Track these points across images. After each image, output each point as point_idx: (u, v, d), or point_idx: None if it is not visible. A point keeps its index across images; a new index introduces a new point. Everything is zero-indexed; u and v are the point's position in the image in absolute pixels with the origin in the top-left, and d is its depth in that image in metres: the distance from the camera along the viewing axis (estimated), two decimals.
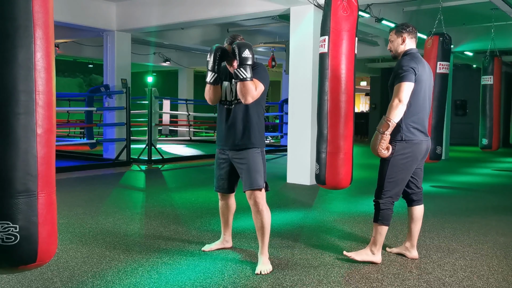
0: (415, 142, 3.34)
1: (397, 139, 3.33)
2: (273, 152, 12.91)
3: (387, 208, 3.37)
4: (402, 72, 3.25)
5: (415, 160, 3.39)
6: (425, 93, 3.38)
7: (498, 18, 8.96)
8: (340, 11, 4.37)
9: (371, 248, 3.45)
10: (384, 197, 3.37)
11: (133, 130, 12.05)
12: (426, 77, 3.38)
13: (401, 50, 3.44)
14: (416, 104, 3.32)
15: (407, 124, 3.32)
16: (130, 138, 9.61)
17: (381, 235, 3.41)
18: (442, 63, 6.70)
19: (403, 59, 3.36)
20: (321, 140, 4.49)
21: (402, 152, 3.33)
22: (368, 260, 3.44)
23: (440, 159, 6.98)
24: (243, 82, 3.09)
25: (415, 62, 3.29)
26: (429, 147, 3.49)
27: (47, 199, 2.13)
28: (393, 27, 3.56)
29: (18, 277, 3.08)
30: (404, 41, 3.43)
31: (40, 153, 2.08)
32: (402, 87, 3.22)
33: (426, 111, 3.41)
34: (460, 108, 16.46)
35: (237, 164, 3.36)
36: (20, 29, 2.01)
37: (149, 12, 9.03)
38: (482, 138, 9.15)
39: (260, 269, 3.24)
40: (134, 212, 5.18)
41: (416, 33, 3.49)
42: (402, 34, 3.43)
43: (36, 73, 2.06)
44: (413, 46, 3.47)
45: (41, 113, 2.08)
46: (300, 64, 7.22)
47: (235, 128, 3.29)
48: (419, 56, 3.41)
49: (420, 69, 3.30)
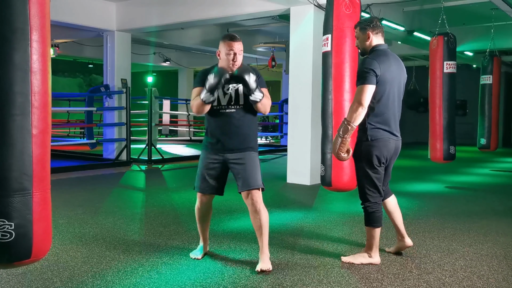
0: (381, 139, 3.30)
1: (363, 140, 3.33)
2: (273, 152, 12.91)
3: (375, 210, 3.37)
4: (363, 74, 3.20)
5: (383, 155, 3.33)
6: (390, 92, 3.29)
7: (498, 18, 8.96)
8: (343, 9, 4.36)
9: (368, 252, 3.45)
10: (371, 200, 3.37)
11: (133, 130, 12.04)
12: (393, 75, 3.29)
13: (367, 46, 3.38)
14: (380, 105, 3.27)
15: (372, 124, 3.29)
16: (130, 138, 9.61)
17: (375, 238, 3.41)
18: (449, 63, 6.70)
19: (366, 59, 3.28)
20: (326, 140, 4.44)
21: (370, 150, 3.31)
22: (366, 263, 3.43)
23: (454, 159, 6.91)
24: (261, 102, 3.21)
25: (377, 62, 3.20)
26: (399, 147, 3.44)
27: (42, 197, 2.19)
28: (357, 23, 3.48)
29: (18, 277, 3.08)
30: (369, 37, 3.35)
31: (35, 153, 2.14)
32: (362, 90, 3.17)
33: (392, 110, 3.34)
34: (460, 108, 16.45)
35: (234, 165, 3.30)
36: (17, 32, 2.06)
37: (149, 12, 9.03)
38: (480, 138, 9.15)
39: (261, 267, 3.23)
40: (134, 212, 5.18)
41: (382, 28, 3.40)
42: (366, 30, 3.36)
43: (32, 75, 2.11)
44: (380, 42, 3.38)
45: (36, 114, 2.13)
46: (300, 64, 7.22)
47: (240, 132, 3.28)
48: (386, 52, 3.31)
49: (383, 69, 3.21)
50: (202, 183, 3.38)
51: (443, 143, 6.74)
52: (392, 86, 3.31)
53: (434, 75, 6.81)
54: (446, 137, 6.71)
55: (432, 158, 6.95)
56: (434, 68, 6.81)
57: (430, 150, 6.94)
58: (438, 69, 6.74)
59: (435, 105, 6.81)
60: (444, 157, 6.78)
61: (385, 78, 3.24)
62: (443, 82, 6.73)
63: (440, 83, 6.74)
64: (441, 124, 6.74)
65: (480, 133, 9.17)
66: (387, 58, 3.28)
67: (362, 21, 3.46)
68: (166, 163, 9.79)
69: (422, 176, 8.36)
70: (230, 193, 4.21)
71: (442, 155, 6.76)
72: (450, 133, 6.76)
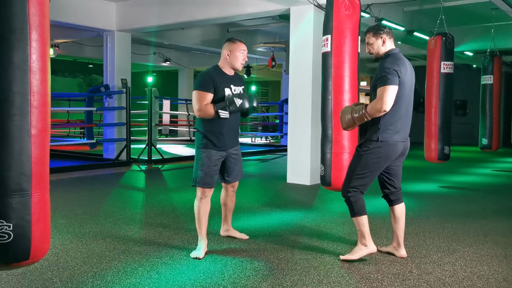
0: (390, 143, 3.33)
1: (373, 139, 3.34)
2: (273, 152, 12.90)
3: (357, 199, 3.41)
4: (386, 75, 3.23)
5: (387, 160, 3.38)
6: (408, 96, 3.36)
7: (498, 18, 8.96)
8: (343, 9, 4.36)
9: (362, 242, 3.46)
10: (351, 190, 3.41)
11: (133, 130, 12.05)
12: (409, 79, 3.36)
13: (383, 51, 3.43)
14: (398, 109, 3.30)
15: (385, 126, 3.30)
16: (130, 138, 9.61)
17: (364, 225, 3.43)
18: (446, 63, 6.70)
19: (386, 61, 3.34)
20: (325, 140, 4.44)
21: (375, 151, 3.33)
22: (365, 254, 3.45)
23: (448, 159, 6.94)
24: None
25: (397, 65, 3.27)
26: (407, 148, 3.48)
27: (40, 198, 2.17)
28: (368, 29, 3.53)
29: (18, 277, 3.08)
30: (384, 42, 3.42)
31: (34, 153, 2.12)
32: (387, 90, 3.20)
33: (408, 113, 3.39)
34: (460, 108, 16.47)
35: (233, 157, 3.77)
36: (16, 32, 2.04)
37: (149, 12, 9.03)
38: (482, 138, 9.15)
39: (242, 236, 4.04)
40: (134, 212, 5.18)
41: (393, 33, 3.50)
42: (381, 35, 3.42)
43: (31, 75, 2.09)
44: (393, 46, 3.46)
45: (35, 114, 2.11)
46: (300, 64, 7.22)
47: (236, 129, 3.80)
48: (402, 56, 3.39)
49: (403, 71, 3.28)
50: (210, 179, 3.64)
51: (438, 143, 6.75)
52: (409, 89, 3.36)
53: (431, 75, 6.82)
54: (441, 137, 6.71)
55: (426, 158, 6.97)
56: (431, 68, 6.81)
57: (425, 150, 6.95)
58: (435, 69, 6.74)
59: (431, 105, 6.82)
60: (438, 157, 6.79)
61: (404, 81, 3.30)
62: (439, 82, 6.73)
63: (436, 83, 6.75)
64: (437, 124, 6.75)
65: (481, 133, 9.17)
66: (404, 61, 3.35)
67: (375, 27, 3.51)
68: (166, 163, 9.79)
69: (422, 176, 8.36)
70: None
71: (436, 155, 6.78)
72: (445, 133, 6.77)
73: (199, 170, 3.61)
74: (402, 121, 3.35)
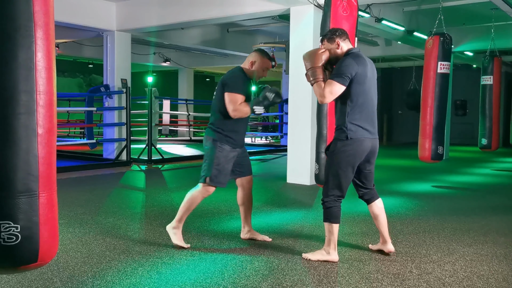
0: (356, 139, 3.36)
1: (339, 138, 3.39)
2: (273, 152, 12.91)
3: (333, 206, 3.42)
4: (338, 71, 3.31)
5: (357, 157, 3.39)
6: (369, 91, 3.40)
7: (498, 18, 8.96)
8: (340, 11, 4.38)
9: (325, 248, 3.48)
10: (329, 195, 3.43)
11: (133, 130, 12.05)
12: (369, 76, 3.40)
13: (340, 53, 3.46)
14: (358, 104, 3.35)
15: (350, 123, 3.35)
16: (130, 138, 9.61)
17: (333, 234, 3.43)
18: (443, 63, 6.70)
19: (343, 59, 3.38)
20: (320, 140, 4.50)
21: (344, 150, 3.36)
22: (324, 259, 3.46)
23: (441, 159, 6.97)
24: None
25: (356, 63, 3.31)
26: (376, 146, 3.49)
27: (48, 199, 2.12)
28: (322, 37, 3.57)
29: (18, 277, 3.08)
30: (338, 45, 3.45)
31: (41, 153, 2.07)
32: (331, 86, 3.28)
33: (371, 108, 3.43)
34: (460, 108, 16.46)
35: (244, 154, 3.90)
36: (21, 29, 2.01)
37: (149, 12, 9.02)
38: (481, 138, 9.15)
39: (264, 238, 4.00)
40: (134, 212, 5.19)
41: (347, 33, 3.53)
42: (335, 39, 3.46)
43: (37, 73, 2.05)
44: (350, 46, 3.50)
45: (42, 113, 2.06)
46: (300, 64, 7.12)
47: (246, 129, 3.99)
48: (360, 54, 3.43)
49: (361, 69, 3.32)
50: (224, 178, 3.72)
51: (432, 143, 6.75)
52: (369, 86, 3.40)
53: (428, 75, 6.81)
54: (435, 137, 6.71)
55: (420, 157, 6.97)
56: (428, 68, 6.81)
57: (419, 149, 6.95)
58: (432, 69, 6.74)
59: (427, 105, 6.82)
60: (432, 157, 6.79)
61: (364, 77, 3.34)
62: (436, 82, 6.73)
63: (433, 83, 6.74)
64: (431, 124, 6.75)
65: (481, 133, 9.17)
66: (362, 59, 3.39)
67: (327, 33, 3.55)
68: (166, 163, 9.79)
69: (422, 176, 8.36)
70: (230, 193, 4.22)
71: (430, 154, 6.78)
72: (439, 134, 6.77)
73: (214, 168, 3.66)
74: (366, 117, 3.40)
